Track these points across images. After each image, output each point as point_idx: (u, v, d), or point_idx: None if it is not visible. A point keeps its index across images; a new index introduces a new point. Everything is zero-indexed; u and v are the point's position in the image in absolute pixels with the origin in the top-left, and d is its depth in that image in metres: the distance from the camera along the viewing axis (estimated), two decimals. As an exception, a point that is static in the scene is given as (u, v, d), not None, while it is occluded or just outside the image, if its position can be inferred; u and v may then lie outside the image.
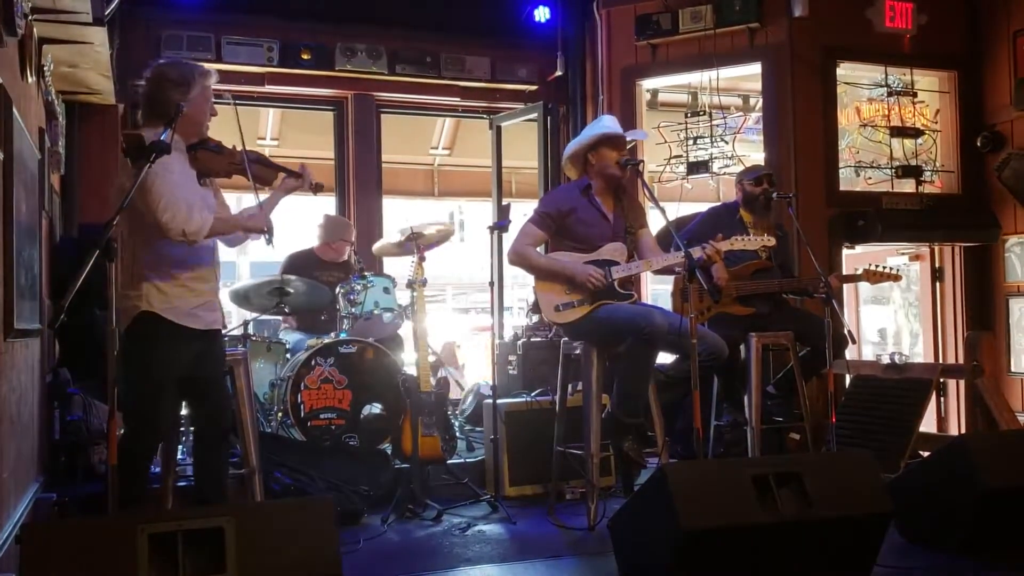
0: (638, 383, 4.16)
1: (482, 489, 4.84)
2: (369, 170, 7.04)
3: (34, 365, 4.34)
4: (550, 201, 4.50)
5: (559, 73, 7.12)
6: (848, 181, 6.53)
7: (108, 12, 4.38)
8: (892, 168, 6.55)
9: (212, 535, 2.57)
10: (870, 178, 6.60)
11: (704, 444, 4.42)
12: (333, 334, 5.36)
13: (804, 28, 6.19)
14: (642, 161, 4.54)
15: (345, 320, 5.36)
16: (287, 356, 5.49)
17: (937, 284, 6.90)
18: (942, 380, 6.19)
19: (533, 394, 5.27)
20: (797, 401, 4.98)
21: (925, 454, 4.96)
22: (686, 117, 6.54)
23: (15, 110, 3.64)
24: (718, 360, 4.28)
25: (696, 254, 4.03)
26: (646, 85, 6.91)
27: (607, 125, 4.42)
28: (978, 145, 6.67)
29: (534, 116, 7.20)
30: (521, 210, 7.64)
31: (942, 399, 6.61)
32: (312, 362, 5.11)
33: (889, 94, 6.57)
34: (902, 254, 7.11)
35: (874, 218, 6.20)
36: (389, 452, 4.96)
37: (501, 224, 5.37)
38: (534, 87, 7.23)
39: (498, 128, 7.36)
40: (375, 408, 5.18)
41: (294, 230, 6.77)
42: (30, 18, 3.92)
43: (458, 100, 7.18)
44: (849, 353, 5.39)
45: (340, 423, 5.11)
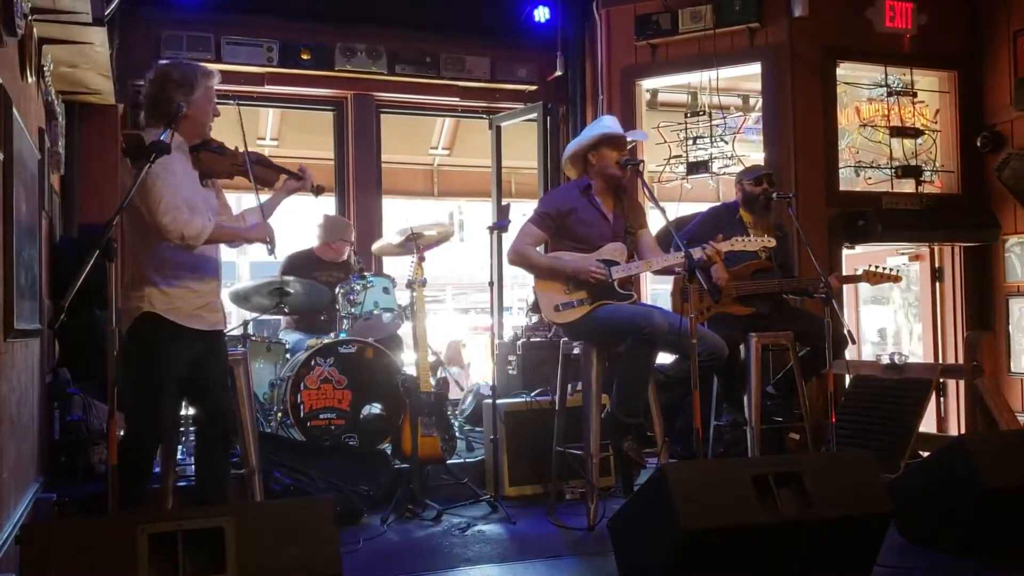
0: (638, 383, 4.16)
1: (482, 489, 4.84)
2: (369, 170, 7.03)
3: (34, 365, 4.33)
4: (550, 201, 4.49)
5: (559, 73, 7.12)
6: (848, 181, 6.53)
7: (108, 12, 4.37)
8: (892, 168, 6.55)
9: (212, 535, 2.57)
10: (870, 178, 6.60)
11: (704, 444, 4.42)
12: (333, 334, 5.36)
13: (804, 28, 6.19)
14: (642, 161, 4.53)
15: (345, 320, 5.36)
16: (287, 356, 5.49)
17: (937, 284, 6.90)
18: (942, 380, 6.19)
19: (533, 394, 5.27)
20: (797, 401, 4.98)
21: (925, 454, 4.96)
22: (686, 117, 6.54)
23: (15, 110, 3.64)
24: (718, 360, 4.28)
25: (696, 254, 4.03)
26: (646, 85, 6.91)
27: (607, 125, 4.42)
28: (978, 145, 6.67)
29: (534, 116, 7.20)
30: (521, 210, 7.63)
31: (942, 399, 6.61)
32: (312, 362, 5.11)
33: (889, 94, 6.57)
34: (902, 254, 7.11)
35: (874, 218, 6.20)
36: (389, 452, 4.96)
37: (501, 224, 5.37)
38: (534, 87, 7.22)
39: (498, 128, 7.36)
40: (375, 408, 5.18)
41: (294, 230, 6.76)
42: (30, 18, 3.92)
43: (458, 100, 7.18)
44: (849, 353, 5.38)
45: (340, 423, 5.11)
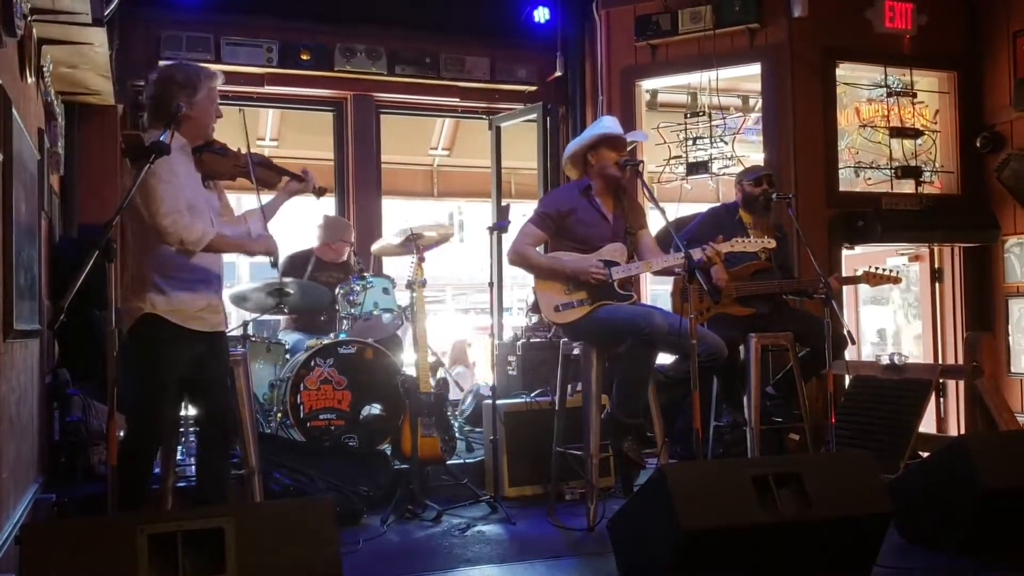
0: (638, 384, 4.16)
1: (481, 490, 4.84)
2: (368, 170, 7.03)
3: (33, 366, 4.33)
4: (550, 201, 4.49)
5: (558, 74, 7.12)
6: (848, 182, 6.53)
7: (107, 13, 4.37)
8: (892, 169, 6.55)
9: (212, 535, 2.57)
10: (870, 179, 6.60)
11: (704, 445, 4.41)
12: (332, 335, 5.35)
13: (804, 29, 6.19)
14: (641, 162, 4.53)
15: (344, 321, 5.36)
16: (286, 357, 5.49)
17: (937, 285, 6.90)
18: (941, 381, 6.18)
19: (533, 395, 5.26)
20: (797, 402, 4.97)
21: (925, 455, 4.96)
22: (686, 118, 6.54)
23: (14, 111, 3.64)
24: (718, 361, 4.28)
25: (696, 255, 4.02)
26: (646, 86, 6.91)
27: (607, 126, 4.42)
28: (978, 146, 6.67)
29: (533, 117, 7.20)
30: (520, 211, 7.65)
31: (941, 400, 6.60)
32: (311, 363, 5.11)
33: (889, 95, 6.57)
34: (902, 254, 7.11)
35: (874, 219, 6.20)
36: (388, 453, 4.96)
37: (500, 225, 5.37)
38: (533, 88, 7.22)
39: (497, 128, 7.36)
40: (374, 409, 5.18)
41: (294, 230, 6.76)
42: (29, 19, 3.92)
43: (457, 100, 7.18)
44: (848, 354, 5.39)
45: (339, 424, 5.11)
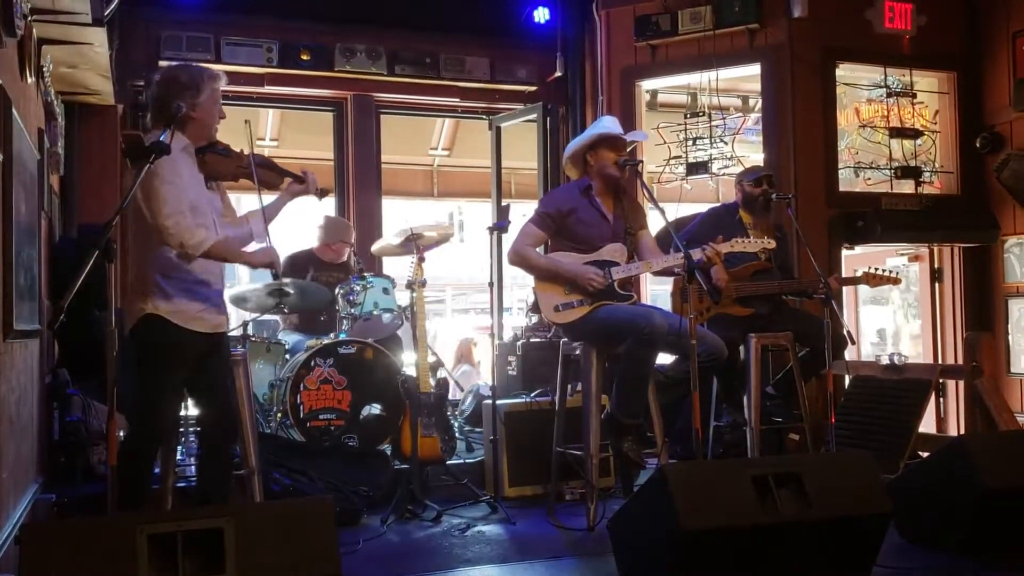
0: (638, 384, 4.16)
1: (481, 490, 4.83)
2: (368, 171, 7.03)
3: (33, 366, 4.33)
4: (550, 201, 4.50)
5: (558, 74, 7.12)
6: (847, 182, 6.53)
7: (107, 13, 4.37)
8: (891, 169, 6.55)
9: (211, 536, 2.57)
10: (869, 179, 6.60)
11: (704, 445, 4.42)
12: (332, 335, 5.35)
13: (803, 29, 6.19)
14: (641, 162, 4.52)
15: (344, 321, 5.36)
16: (286, 357, 5.49)
17: (936, 285, 6.90)
18: (941, 381, 6.18)
19: (533, 395, 5.26)
20: (796, 402, 4.97)
21: (924, 455, 4.96)
22: (685, 118, 6.54)
23: (14, 111, 3.64)
24: (718, 361, 4.27)
25: (696, 256, 4.03)
26: (645, 86, 6.91)
27: (606, 126, 4.42)
28: (977, 146, 6.67)
29: (533, 117, 7.20)
30: (520, 211, 7.66)
31: (941, 400, 6.60)
32: (311, 363, 5.10)
33: (888, 95, 6.57)
34: (901, 255, 7.11)
35: (873, 219, 6.20)
36: (388, 453, 4.96)
37: (500, 225, 5.37)
38: (533, 88, 7.23)
39: (497, 129, 7.36)
40: (374, 409, 5.18)
41: (294, 231, 6.76)
42: (29, 19, 3.92)
43: (457, 101, 7.18)
44: (848, 354, 5.39)
45: (339, 424, 5.11)
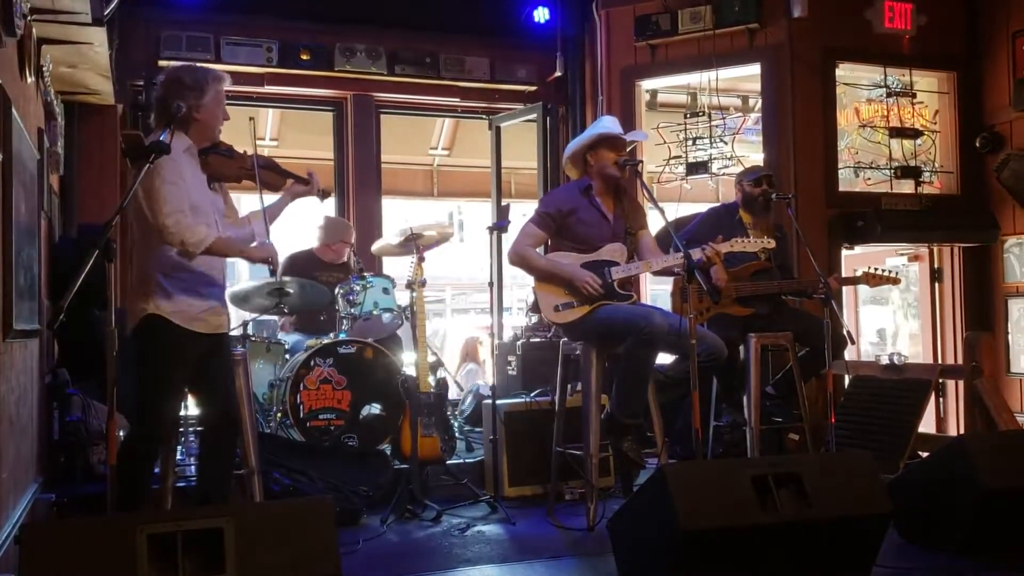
0: (637, 384, 4.16)
1: (481, 490, 4.83)
2: (368, 170, 7.03)
3: (33, 366, 4.33)
4: (550, 201, 4.50)
5: (558, 74, 7.12)
6: (847, 182, 6.53)
7: (107, 12, 4.37)
8: (891, 169, 6.55)
9: (211, 536, 2.57)
10: (869, 179, 6.60)
11: (703, 445, 4.41)
12: (332, 335, 5.35)
13: (803, 29, 6.19)
14: (640, 162, 4.52)
15: (344, 321, 5.36)
16: (286, 357, 5.49)
17: (936, 285, 6.90)
18: (941, 381, 6.18)
19: (532, 394, 5.26)
20: (796, 402, 4.97)
21: (924, 454, 4.96)
22: (685, 118, 6.54)
23: (14, 110, 3.64)
24: (717, 361, 4.27)
25: (695, 255, 4.02)
26: (645, 86, 6.91)
27: (606, 125, 4.42)
28: (977, 146, 6.67)
29: (533, 117, 7.20)
30: (520, 211, 7.65)
31: (941, 400, 6.60)
32: (311, 363, 5.10)
33: (888, 95, 6.57)
34: (901, 255, 7.11)
35: (873, 219, 6.20)
36: (388, 453, 4.96)
37: (500, 224, 5.37)
38: (533, 88, 7.22)
39: (497, 128, 7.36)
40: (374, 408, 5.18)
41: (294, 230, 6.76)
42: (29, 18, 3.92)
43: (457, 100, 7.18)
44: (848, 354, 5.38)
45: (339, 424, 5.11)
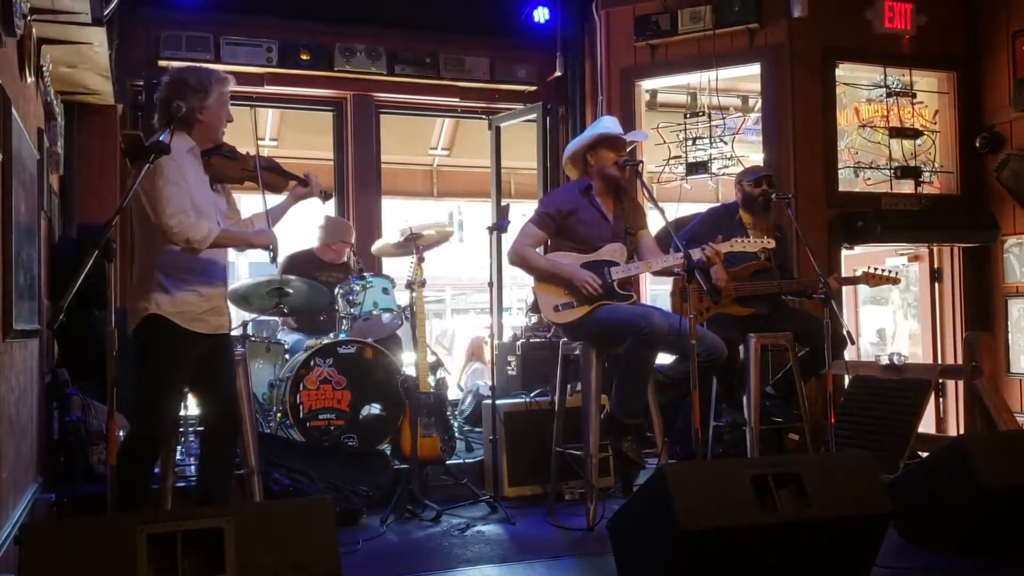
0: (637, 384, 4.16)
1: (481, 490, 4.84)
2: (368, 171, 7.03)
3: (33, 366, 4.33)
4: (550, 201, 4.50)
5: (558, 74, 7.12)
6: (847, 182, 6.53)
7: (107, 12, 4.37)
8: (891, 169, 6.55)
9: (211, 536, 2.57)
10: (869, 179, 6.60)
11: (703, 445, 4.42)
12: (332, 335, 5.35)
13: (803, 29, 6.19)
14: (641, 162, 4.52)
15: (344, 321, 5.36)
16: (286, 357, 5.49)
17: (936, 285, 6.90)
18: (941, 381, 6.18)
19: (532, 395, 5.26)
20: (796, 402, 4.98)
21: (924, 455, 4.96)
22: (685, 118, 6.54)
23: (14, 110, 3.64)
24: (717, 361, 4.27)
25: (695, 255, 4.02)
26: (645, 86, 6.91)
27: (606, 126, 4.42)
28: (977, 146, 6.67)
29: (533, 117, 7.20)
30: (520, 211, 7.65)
31: (941, 400, 6.60)
32: (311, 363, 5.10)
33: (888, 95, 6.57)
34: (901, 255, 7.11)
35: (873, 219, 6.20)
36: (388, 453, 4.96)
37: (500, 225, 5.37)
38: (533, 88, 7.22)
39: (497, 129, 7.36)
40: (374, 408, 5.18)
41: (294, 230, 6.75)
42: (29, 18, 3.92)
43: (457, 100, 7.17)
44: (848, 354, 5.39)
45: (339, 424, 5.11)
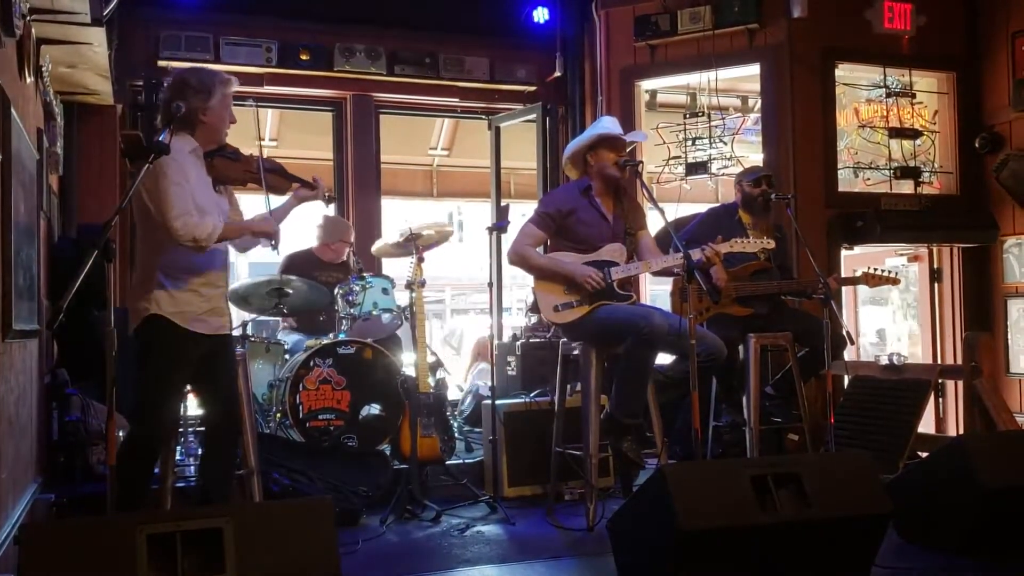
0: (637, 384, 4.16)
1: (481, 490, 4.83)
2: (368, 171, 7.03)
3: (32, 366, 4.33)
4: (550, 201, 4.50)
5: (558, 74, 7.12)
6: (847, 182, 6.53)
7: (107, 13, 4.37)
8: (891, 169, 6.55)
9: (211, 536, 2.57)
10: (869, 179, 6.60)
11: (703, 445, 4.41)
12: (332, 335, 5.35)
13: (803, 29, 6.19)
14: (641, 162, 4.52)
15: (344, 321, 5.36)
16: (286, 357, 5.49)
17: (936, 285, 6.90)
18: (940, 381, 6.18)
19: (532, 395, 5.26)
20: (796, 402, 4.97)
21: (923, 455, 4.96)
22: (685, 118, 6.54)
23: (13, 111, 3.64)
24: (717, 361, 4.27)
25: (695, 256, 4.03)
26: (645, 86, 6.91)
27: (606, 126, 4.42)
28: (976, 146, 6.67)
29: (533, 117, 7.20)
30: (520, 211, 7.65)
31: (940, 400, 6.60)
32: (311, 363, 5.10)
33: (888, 95, 6.57)
34: (901, 255, 7.11)
35: (873, 219, 6.20)
36: (388, 453, 4.96)
37: (500, 225, 5.37)
38: (533, 88, 7.22)
39: (497, 129, 7.36)
40: (374, 409, 5.17)
41: (293, 230, 6.76)
42: (28, 18, 3.92)
43: (457, 101, 7.17)
44: (847, 354, 5.38)
45: (339, 424, 5.10)
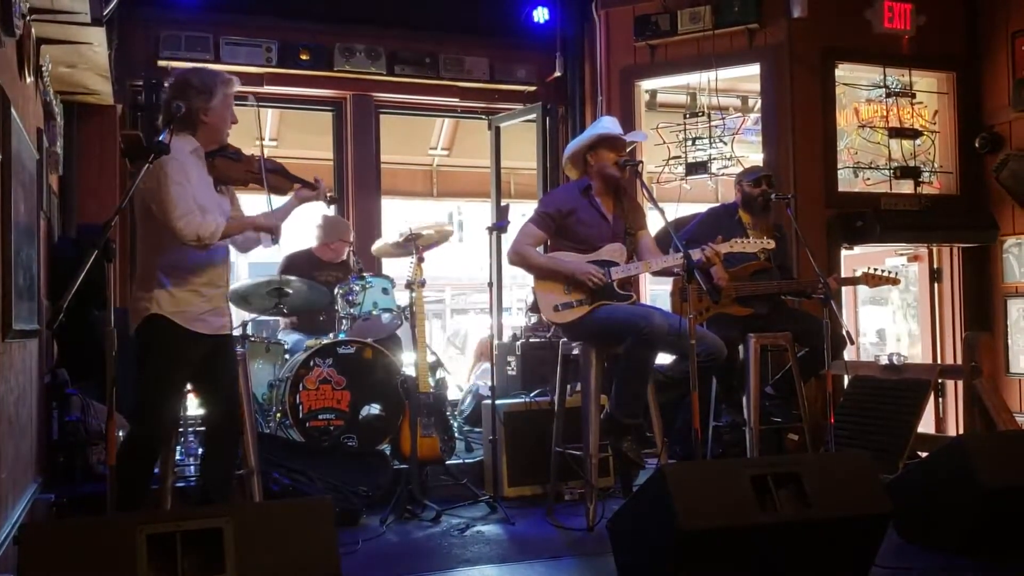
0: (637, 384, 4.16)
1: (481, 490, 4.83)
2: (368, 171, 7.03)
3: (32, 366, 4.33)
4: (550, 201, 4.50)
5: (558, 74, 7.12)
6: (847, 182, 6.53)
7: (106, 12, 4.37)
8: (891, 169, 6.55)
9: (211, 536, 2.57)
10: (869, 179, 6.60)
11: (703, 445, 4.42)
12: (332, 335, 5.35)
13: (803, 29, 6.19)
14: (641, 162, 4.52)
15: (344, 321, 5.36)
16: (286, 357, 5.49)
17: (935, 285, 6.90)
18: (940, 381, 6.19)
19: (532, 395, 5.26)
20: (796, 402, 4.97)
21: (923, 455, 4.96)
22: (685, 118, 6.54)
23: (13, 110, 3.64)
24: (717, 361, 4.27)
25: (695, 256, 4.03)
26: (645, 86, 6.91)
27: (606, 126, 4.43)
28: (976, 146, 6.67)
29: (533, 117, 7.20)
30: (520, 211, 7.65)
31: (940, 400, 6.61)
32: (311, 363, 5.10)
33: (888, 95, 6.57)
34: (900, 255, 7.11)
35: (873, 219, 6.20)
36: (388, 453, 4.96)
37: (500, 225, 5.37)
38: (533, 88, 7.22)
39: (497, 129, 7.36)
40: (374, 409, 5.18)
41: (293, 230, 6.76)
42: (28, 18, 3.92)
43: (457, 101, 7.18)
44: (847, 354, 5.38)
45: (339, 424, 5.10)
